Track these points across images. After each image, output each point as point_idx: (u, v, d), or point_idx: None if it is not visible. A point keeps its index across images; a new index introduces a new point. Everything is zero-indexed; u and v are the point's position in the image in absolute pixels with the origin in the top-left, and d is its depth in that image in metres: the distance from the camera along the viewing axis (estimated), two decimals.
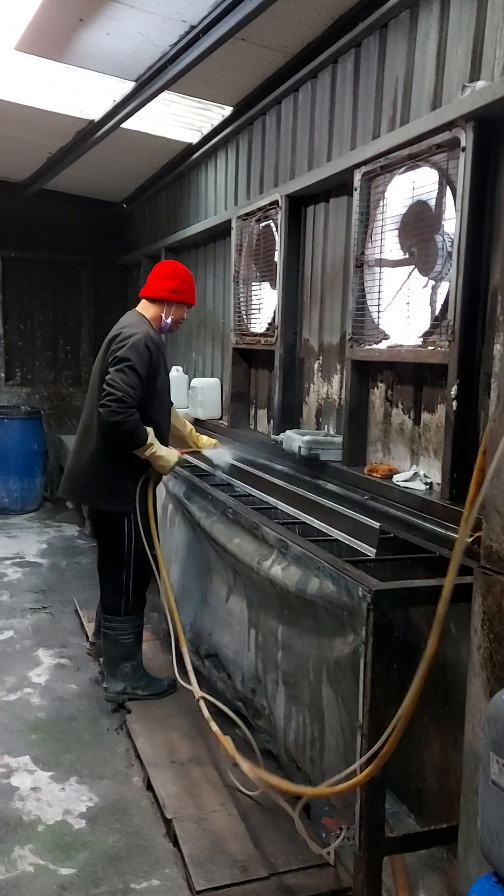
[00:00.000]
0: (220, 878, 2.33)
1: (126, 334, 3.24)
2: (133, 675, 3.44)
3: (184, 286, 3.44)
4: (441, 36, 2.68)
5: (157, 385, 3.31)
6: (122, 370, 3.13)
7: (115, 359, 3.18)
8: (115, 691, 3.43)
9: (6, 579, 5.24)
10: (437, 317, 2.68)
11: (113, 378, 3.12)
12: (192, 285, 3.50)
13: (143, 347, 3.19)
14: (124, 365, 3.14)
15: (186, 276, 3.49)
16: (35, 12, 3.46)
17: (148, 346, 3.21)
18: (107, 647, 3.48)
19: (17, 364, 7.73)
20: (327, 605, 2.24)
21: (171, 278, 3.42)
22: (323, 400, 3.74)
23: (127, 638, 3.43)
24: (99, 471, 3.32)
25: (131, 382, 3.13)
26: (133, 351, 3.17)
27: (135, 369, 3.15)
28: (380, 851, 2.08)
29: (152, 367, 3.24)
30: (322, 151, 3.60)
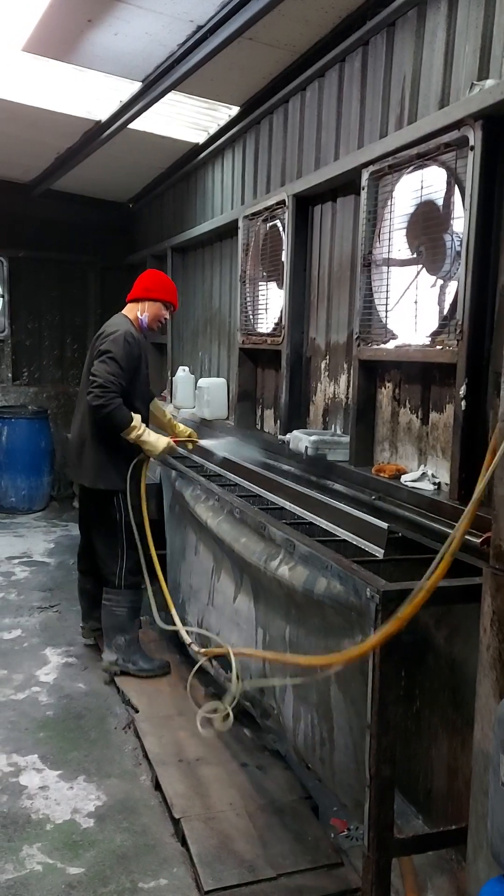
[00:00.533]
0: (229, 877, 2.33)
1: (108, 331, 3.65)
2: (126, 649, 3.68)
3: (155, 286, 3.83)
4: (449, 34, 2.67)
5: (138, 377, 3.68)
6: (104, 360, 3.51)
7: (98, 352, 3.57)
8: (109, 661, 3.69)
9: (14, 578, 5.26)
10: (445, 316, 2.67)
11: (97, 368, 3.50)
12: (165, 286, 3.87)
13: (122, 341, 3.55)
14: (106, 356, 3.52)
15: (160, 278, 3.95)
16: (43, 13, 3.47)
17: (128, 340, 3.58)
18: (103, 617, 3.77)
19: (25, 363, 7.75)
20: (335, 605, 2.23)
21: (146, 279, 3.89)
22: (330, 399, 3.73)
23: (120, 610, 3.70)
24: (90, 452, 3.67)
25: (113, 371, 3.49)
26: (114, 344, 3.55)
27: (115, 360, 3.51)
28: (389, 853, 2.07)
29: (133, 359, 3.59)
30: (329, 150, 3.59)
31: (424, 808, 2.48)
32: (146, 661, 3.72)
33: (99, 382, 3.45)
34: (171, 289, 3.88)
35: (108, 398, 3.45)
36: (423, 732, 2.57)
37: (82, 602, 4.12)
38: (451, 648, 2.47)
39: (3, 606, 4.70)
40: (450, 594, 2.08)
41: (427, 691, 2.58)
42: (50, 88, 4.52)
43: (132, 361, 3.60)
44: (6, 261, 7.43)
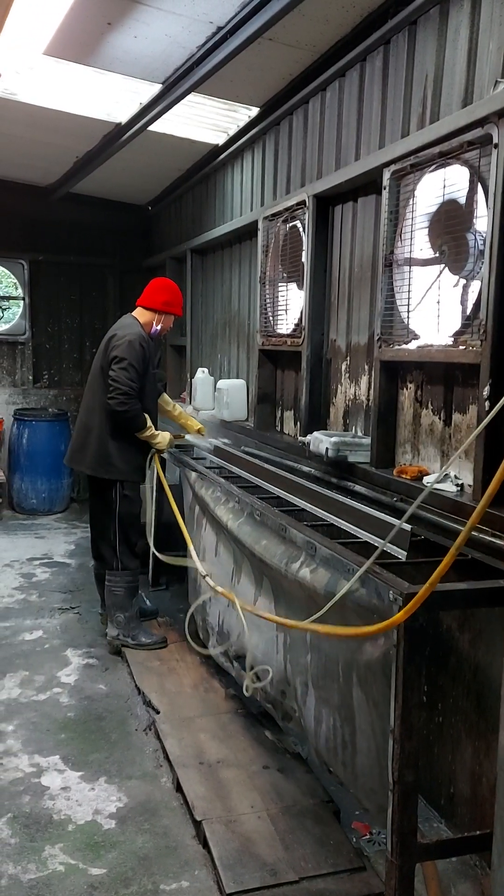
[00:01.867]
0: (250, 881, 2.32)
1: (122, 335, 3.92)
2: (125, 625, 4.03)
3: (174, 300, 4.13)
4: (472, 31, 2.65)
5: (147, 377, 3.98)
6: (124, 367, 3.82)
7: (115, 357, 3.85)
8: (111, 636, 4.05)
9: (35, 579, 5.29)
10: (468, 316, 2.65)
11: (117, 375, 3.81)
12: (181, 300, 4.20)
13: (137, 346, 3.87)
14: (125, 363, 3.82)
15: (177, 292, 4.17)
16: (63, 17, 3.49)
17: (141, 345, 3.90)
18: (106, 596, 4.12)
19: (45, 366, 7.80)
20: (357, 607, 2.22)
21: (165, 293, 4.10)
22: (351, 401, 3.71)
23: (118, 589, 4.05)
24: (95, 443, 4.00)
25: (132, 377, 3.83)
26: (130, 350, 3.85)
27: (133, 366, 3.84)
28: (412, 858, 2.05)
29: (144, 362, 3.92)
30: (350, 150, 3.57)
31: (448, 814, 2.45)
32: (146, 636, 4.06)
33: (123, 390, 3.79)
34: (181, 301, 4.22)
35: (132, 404, 3.83)
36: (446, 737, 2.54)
37: (98, 588, 4.33)
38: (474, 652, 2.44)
39: (25, 608, 4.73)
40: (473, 597, 2.06)
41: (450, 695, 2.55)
42: (70, 91, 4.54)
43: (143, 364, 3.91)
44: (26, 264, 7.49)
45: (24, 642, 4.21)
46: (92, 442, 4.02)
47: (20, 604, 4.79)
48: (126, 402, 3.82)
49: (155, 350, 4.14)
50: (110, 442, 3.98)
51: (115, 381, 3.80)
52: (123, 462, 4.01)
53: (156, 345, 4.17)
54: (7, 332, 7.60)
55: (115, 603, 4.06)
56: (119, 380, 3.80)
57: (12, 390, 7.57)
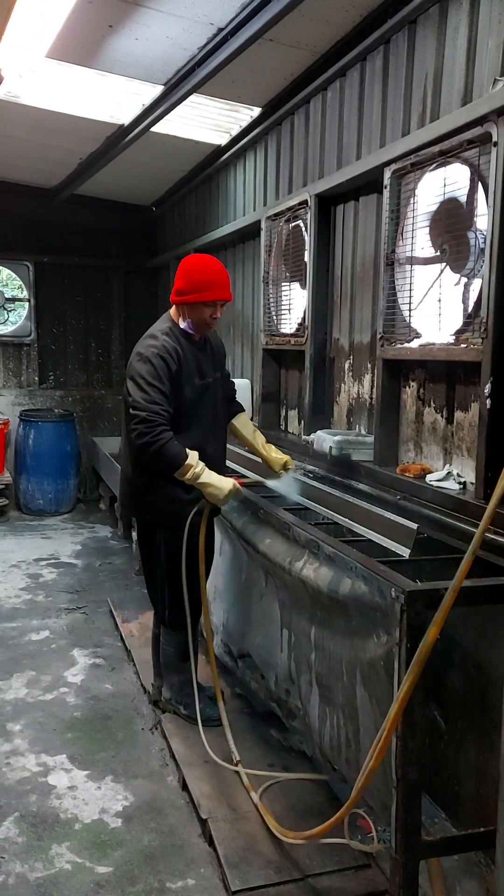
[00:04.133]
0: (255, 878, 2.33)
1: (140, 347, 3.05)
2: (178, 690, 3.30)
3: (189, 285, 3.02)
4: (471, 30, 2.65)
5: (185, 394, 3.01)
6: (139, 387, 2.92)
7: (132, 376, 2.98)
8: (164, 697, 3.38)
9: (41, 580, 5.31)
10: (469, 314, 2.65)
11: (134, 398, 2.92)
12: (201, 282, 3.01)
13: (157, 360, 2.93)
14: (142, 383, 2.92)
15: (195, 271, 3.04)
16: (65, 20, 3.51)
17: (162, 356, 2.93)
18: (161, 652, 3.41)
19: (51, 367, 7.83)
20: (360, 605, 2.22)
21: (179, 278, 3.08)
22: (354, 399, 3.72)
23: (169, 649, 3.32)
24: (130, 481, 3.17)
25: (153, 398, 2.89)
26: (144, 364, 2.94)
27: (151, 384, 2.90)
28: (416, 855, 2.06)
29: (173, 375, 2.96)
30: (351, 150, 3.58)
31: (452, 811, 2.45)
32: (206, 708, 3.18)
33: (140, 416, 2.86)
34: (208, 282, 3.02)
35: (155, 433, 2.85)
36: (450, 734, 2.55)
37: (153, 653, 3.50)
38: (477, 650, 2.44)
39: (32, 608, 4.75)
40: (476, 595, 2.06)
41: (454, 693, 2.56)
42: (73, 94, 4.56)
43: (170, 376, 2.95)
44: (31, 266, 7.52)
45: (30, 642, 4.23)
46: (125, 478, 3.25)
47: (27, 604, 4.82)
48: (145, 433, 2.85)
49: (203, 350, 3.15)
50: (140, 473, 3.09)
51: (132, 407, 2.91)
52: (159, 498, 3.08)
53: (203, 343, 3.18)
54: (13, 334, 7.64)
55: (167, 663, 3.37)
56: (137, 403, 2.89)
57: (18, 391, 7.61)
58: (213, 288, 3.01)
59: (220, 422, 3.27)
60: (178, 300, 3.08)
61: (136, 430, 2.86)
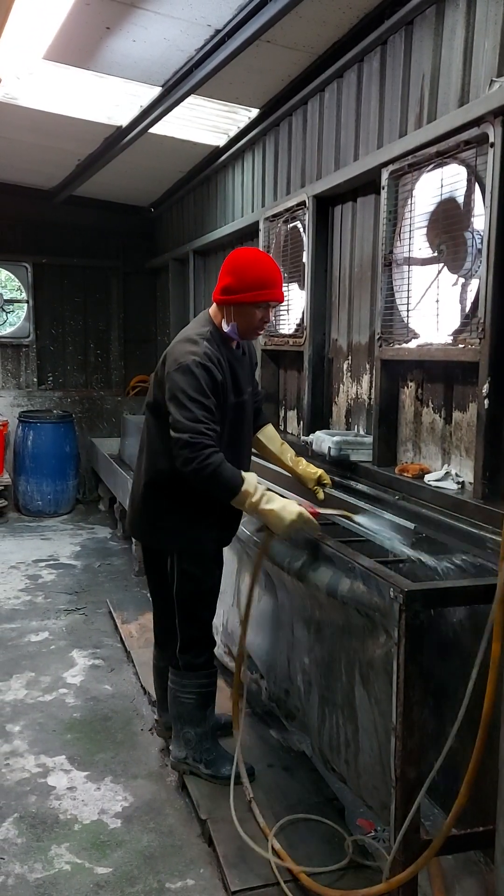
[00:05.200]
0: (255, 878, 2.33)
1: (176, 353, 2.56)
2: (197, 745, 2.83)
3: (240, 283, 2.57)
4: (468, 31, 2.66)
5: (223, 413, 2.60)
6: (181, 404, 2.47)
7: (169, 392, 2.53)
8: (176, 757, 2.88)
9: (41, 581, 5.31)
10: (467, 314, 2.66)
11: (175, 419, 2.47)
12: (255, 279, 2.58)
13: (199, 369, 2.48)
14: (182, 398, 2.47)
15: (247, 267, 2.61)
16: (62, 22, 3.51)
17: (205, 365, 2.50)
18: (170, 704, 2.92)
19: (49, 368, 7.84)
20: (359, 605, 2.23)
21: (227, 274, 2.62)
22: (353, 400, 3.73)
23: (187, 698, 2.82)
24: (142, 499, 2.78)
25: (196, 416, 2.44)
26: (187, 376, 2.48)
27: (194, 399, 2.45)
28: (416, 854, 2.06)
29: (217, 388, 2.53)
30: (349, 151, 3.58)
31: None
32: (223, 763, 2.81)
33: (184, 440, 2.41)
34: (263, 279, 2.59)
35: (204, 456, 2.40)
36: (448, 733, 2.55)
37: (157, 686, 3.12)
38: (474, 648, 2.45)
39: (31, 609, 4.76)
40: (475, 593, 2.06)
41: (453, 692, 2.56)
42: (71, 95, 4.57)
43: (217, 392, 2.54)
44: (30, 267, 7.52)
45: (30, 644, 4.23)
46: (136, 493, 2.85)
47: (26, 605, 4.82)
48: (191, 459, 2.41)
49: (239, 360, 2.73)
50: (154, 494, 2.73)
51: (174, 429, 2.47)
52: (174, 523, 2.71)
53: (241, 352, 2.76)
54: (11, 335, 7.64)
55: (181, 715, 2.84)
56: (178, 425, 2.45)
57: (17, 392, 7.61)
58: (269, 287, 2.59)
59: (249, 441, 2.90)
60: (225, 299, 2.61)
61: (181, 457, 2.43)
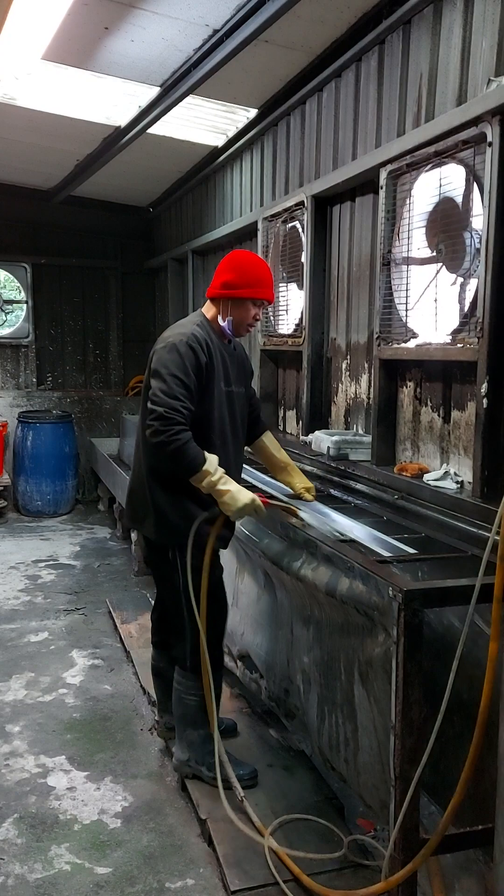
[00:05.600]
0: (255, 878, 2.33)
1: (166, 335, 2.71)
2: (201, 748, 2.78)
3: (240, 279, 2.72)
4: (465, 30, 2.66)
5: (212, 397, 2.67)
6: (161, 378, 2.57)
7: (154, 367, 2.64)
8: (179, 760, 2.84)
9: (40, 581, 5.31)
10: (465, 314, 2.66)
11: (154, 391, 2.57)
12: (254, 277, 2.74)
13: (184, 348, 2.59)
14: (164, 373, 2.57)
15: (247, 266, 2.77)
16: (61, 22, 3.51)
17: (191, 345, 2.60)
18: (174, 704, 2.88)
19: (48, 368, 7.85)
20: (358, 605, 2.23)
21: (227, 271, 2.77)
22: (351, 399, 3.73)
23: (191, 698, 2.78)
24: (144, 492, 2.77)
25: (174, 393, 2.53)
26: (171, 354, 2.59)
27: (175, 376, 2.55)
28: (415, 852, 2.06)
29: (201, 371, 2.62)
30: (347, 150, 3.59)
31: None
32: (231, 767, 2.71)
33: (158, 412, 2.51)
34: (260, 278, 2.76)
35: (170, 433, 2.49)
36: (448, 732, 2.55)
37: (157, 687, 3.12)
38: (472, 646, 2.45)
39: (30, 609, 4.76)
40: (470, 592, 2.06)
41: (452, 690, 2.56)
42: (69, 96, 4.57)
43: (200, 374, 2.62)
44: (29, 267, 7.53)
45: (29, 644, 4.23)
46: (137, 486, 2.83)
47: (26, 606, 4.82)
48: (161, 431, 2.49)
49: (231, 355, 2.81)
50: (157, 487, 2.71)
51: (151, 402, 2.56)
52: (179, 517, 2.68)
53: (232, 348, 2.85)
54: (10, 336, 7.64)
55: (185, 716, 2.80)
56: (156, 398, 2.54)
57: (16, 393, 7.61)
58: (265, 286, 2.76)
59: (241, 440, 2.90)
60: (224, 293, 2.74)
61: (152, 428, 2.52)
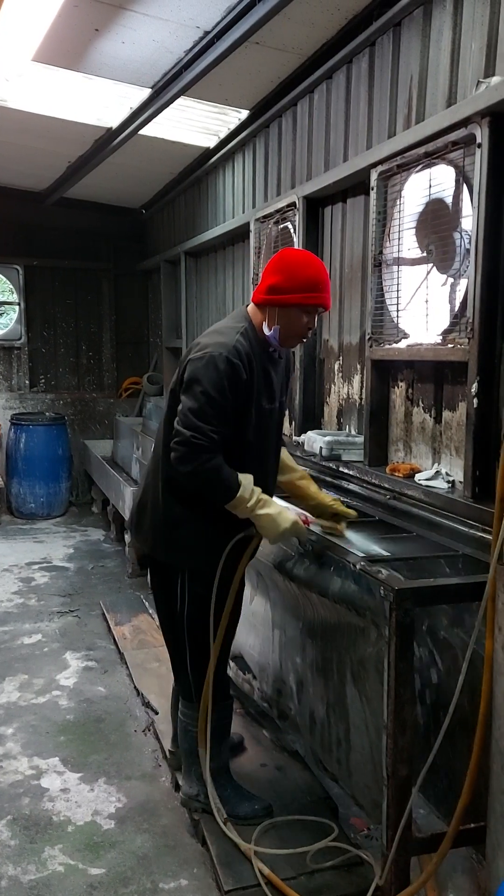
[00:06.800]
0: (248, 877, 2.33)
1: (205, 343, 2.32)
2: (210, 782, 2.60)
3: (289, 283, 2.33)
4: (455, 32, 2.68)
5: (249, 418, 2.36)
6: (193, 396, 2.26)
7: (187, 379, 2.31)
8: (188, 794, 2.68)
9: (34, 583, 5.30)
10: (456, 314, 2.67)
11: (183, 410, 2.28)
12: (305, 280, 2.33)
13: (224, 364, 2.25)
14: (197, 390, 2.26)
15: (297, 267, 2.36)
16: (51, 23, 3.51)
17: (232, 362, 2.26)
18: (180, 737, 2.73)
19: (41, 371, 7.83)
20: (350, 604, 2.24)
21: (274, 272, 2.37)
22: (344, 400, 3.74)
23: (196, 732, 2.63)
24: (157, 506, 2.48)
25: (206, 415, 2.24)
26: (208, 369, 2.25)
27: (209, 395, 2.24)
28: (408, 851, 2.07)
29: (239, 391, 2.29)
30: (338, 152, 3.60)
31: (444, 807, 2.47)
32: (239, 802, 2.58)
33: (185, 437, 2.24)
34: (314, 281, 2.35)
35: (203, 460, 2.24)
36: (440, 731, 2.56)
37: (173, 716, 2.89)
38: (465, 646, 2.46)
39: (24, 612, 4.75)
40: (464, 591, 2.08)
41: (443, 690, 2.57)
42: (60, 97, 4.57)
43: (238, 394, 2.30)
44: (21, 269, 7.52)
45: (23, 646, 4.22)
46: (149, 502, 2.52)
47: (19, 608, 4.81)
48: (189, 460, 2.25)
49: (276, 367, 2.46)
50: (174, 501, 2.43)
51: (179, 422, 2.28)
52: (192, 538, 2.44)
53: (277, 356, 2.47)
54: (3, 338, 7.63)
55: (193, 750, 2.63)
56: (185, 419, 2.26)
57: (9, 395, 7.60)
58: (320, 290, 2.36)
59: (277, 456, 2.61)
60: (270, 299, 2.36)
61: (178, 453, 2.27)
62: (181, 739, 2.72)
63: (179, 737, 2.74)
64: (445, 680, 2.42)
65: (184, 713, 2.66)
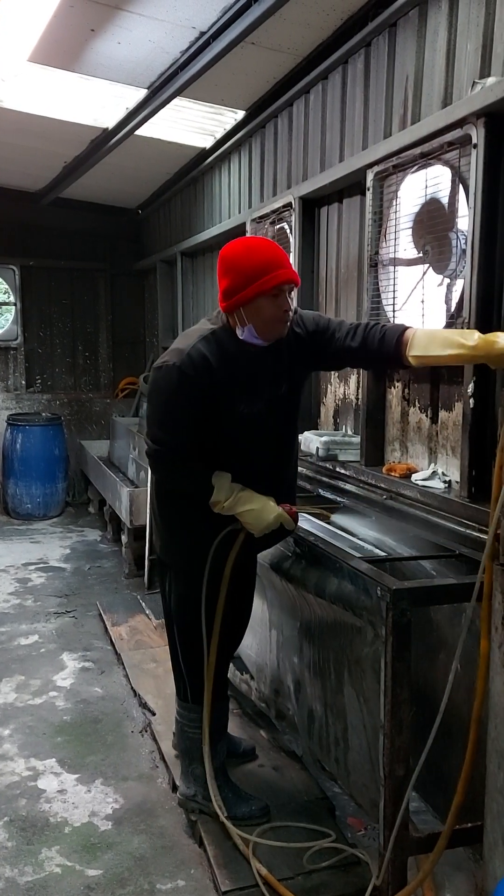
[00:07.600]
0: (246, 878, 2.33)
1: (167, 350, 2.33)
2: (206, 783, 2.59)
3: (238, 279, 2.24)
4: (450, 33, 2.68)
5: (228, 419, 2.33)
6: (153, 407, 2.36)
7: (148, 389, 2.42)
8: (184, 794, 2.68)
9: (30, 584, 5.30)
10: (452, 315, 2.68)
11: (147, 420, 2.41)
12: (255, 267, 2.22)
13: (175, 374, 2.23)
14: (154, 401, 2.35)
15: (241, 258, 2.26)
16: (47, 24, 3.51)
17: (183, 371, 2.23)
18: (177, 738, 2.79)
19: (38, 371, 7.82)
20: (346, 605, 2.24)
21: (222, 277, 2.30)
22: (340, 400, 3.74)
23: (195, 732, 2.61)
24: (151, 509, 2.67)
25: (164, 425, 2.30)
26: (163, 380, 2.28)
27: (165, 406, 2.30)
28: (404, 851, 2.08)
29: (198, 397, 2.26)
30: (334, 152, 3.60)
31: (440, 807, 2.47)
32: (236, 803, 2.59)
33: (149, 448, 2.35)
34: (265, 264, 2.23)
35: (168, 468, 2.37)
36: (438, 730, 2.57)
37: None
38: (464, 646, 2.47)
39: (20, 612, 4.74)
40: (460, 592, 2.08)
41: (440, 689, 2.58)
42: (56, 97, 4.56)
43: (198, 401, 2.27)
44: (17, 269, 7.50)
45: (19, 647, 4.22)
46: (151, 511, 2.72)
47: (16, 609, 4.80)
48: (156, 468, 2.39)
49: (259, 363, 2.35)
50: (161, 504, 2.55)
51: (145, 434, 2.46)
52: (171, 538, 2.54)
53: (261, 353, 2.35)
54: None
55: (190, 750, 2.65)
56: (148, 430, 2.39)
57: (5, 395, 7.59)
58: (273, 269, 2.23)
59: (282, 451, 2.52)
60: (231, 304, 2.27)
61: (149, 462, 2.39)
62: (178, 740, 2.75)
63: (177, 738, 2.77)
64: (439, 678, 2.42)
65: (180, 713, 2.69)
